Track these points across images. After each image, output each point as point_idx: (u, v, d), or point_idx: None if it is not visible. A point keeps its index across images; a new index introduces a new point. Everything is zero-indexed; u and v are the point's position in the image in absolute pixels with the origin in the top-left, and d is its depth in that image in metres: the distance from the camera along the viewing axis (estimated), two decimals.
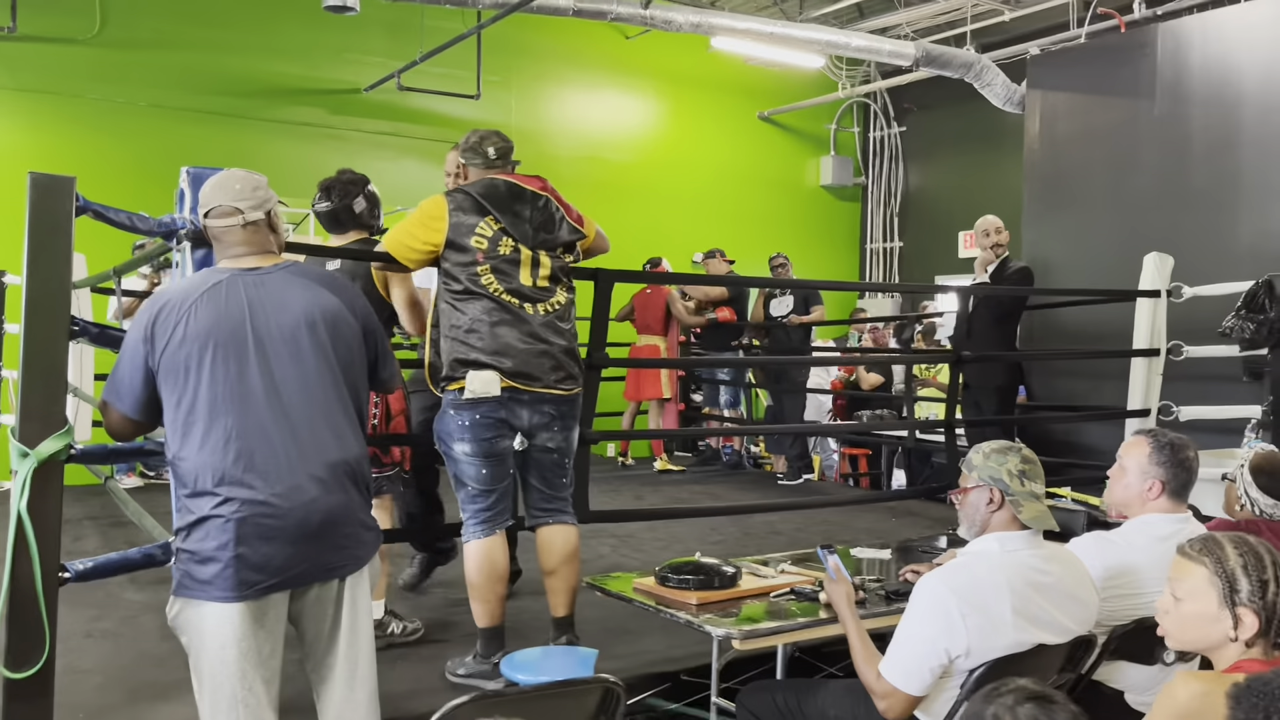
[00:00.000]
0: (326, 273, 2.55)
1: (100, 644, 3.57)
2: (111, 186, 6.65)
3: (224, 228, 2.36)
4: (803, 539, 5.36)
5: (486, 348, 3.15)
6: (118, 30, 8.16)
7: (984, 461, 2.46)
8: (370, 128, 9.03)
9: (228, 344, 2.24)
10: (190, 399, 2.23)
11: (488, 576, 3.21)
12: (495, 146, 3.38)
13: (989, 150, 10.57)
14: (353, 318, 2.41)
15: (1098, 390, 6.51)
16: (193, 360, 2.23)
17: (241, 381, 2.24)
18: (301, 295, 2.34)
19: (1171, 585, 2.07)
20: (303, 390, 2.28)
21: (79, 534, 5.36)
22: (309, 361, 2.29)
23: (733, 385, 8.47)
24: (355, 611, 2.35)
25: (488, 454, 3.20)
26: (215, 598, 2.19)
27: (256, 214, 2.37)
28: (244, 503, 2.18)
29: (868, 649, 2.50)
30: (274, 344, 2.27)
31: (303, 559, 2.23)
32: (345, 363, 2.36)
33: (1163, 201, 6.86)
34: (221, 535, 2.18)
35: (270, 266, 2.37)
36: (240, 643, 2.19)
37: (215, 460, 2.20)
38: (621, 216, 9.73)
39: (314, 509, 2.23)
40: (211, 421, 2.21)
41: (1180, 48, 6.91)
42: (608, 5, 8.18)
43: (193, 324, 2.25)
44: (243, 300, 2.29)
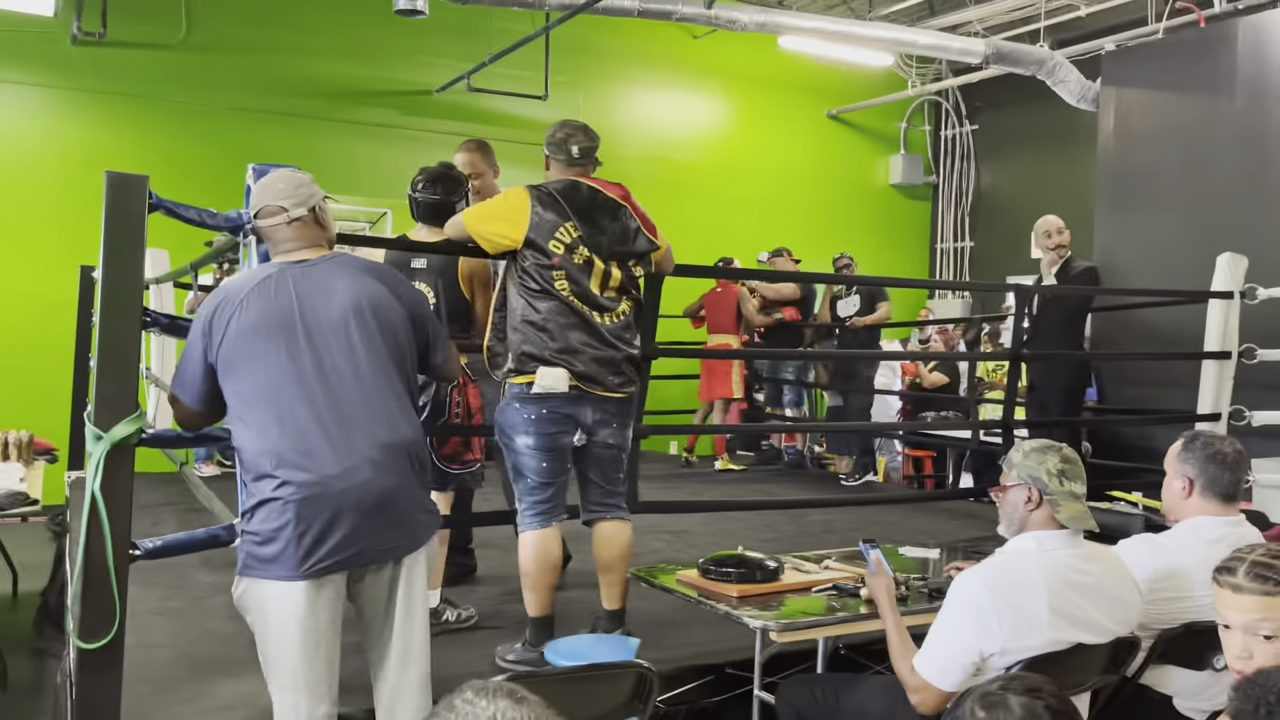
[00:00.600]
0: (372, 262, 2.63)
1: (170, 621, 3.73)
2: (193, 185, 6.90)
3: (271, 225, 2.48)
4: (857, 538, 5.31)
5: (557, 347, 3.20)
6: (201, 36, 8.48)
7: (1023, 460, 2.45)
8: (441, 128, 9.21)
9: (278, 333, 2.34)
10: (246, 388, 2.34)
11: (541, 566, 3.28)
12: (580, 145, 3.38)
13: (1062, 149, 10.37)
14: (399, 304, 2.48)
15: (1170, 394, 6.35)
16: (246, 351, 2.34)
17: (293, 368, 2.33)
18: (347, 283, 2.42)
19: (1254, 627, 1.92)
20: (353, 375, 2.35)
21: (158, 518, 5.57)
22: (357, 347, 2.37)
23: (796, 384, 8.45)
24: (410, 593, 2.42)
25: (550, 448, 3.26)
26: (277, 576, 2.28)
27: (300, 210, 2.47)
28: (300, 485, 2.27)
29: (904, 642, 2.51)
30: (322, 331, 2.36)
31: (359, 539, 2.30)
32: (393, 348, 2.43)
33: (1239, 201, 6.66)
34: (281, 517, 2.27)
35: (317, 258, 2.48)
36: (302, 621, 2.28)
37: (272, 445, 2.30)
38: (689, 216, 9.79)
39: (368, 490, 2.30)
40: (267, 408, 2.32)
41: (1261, 42, 6.71)
42: (672, 5, 8.23)
43: (244, 317, 2.36)
44: (291, 291, 2.39)
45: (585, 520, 3.45)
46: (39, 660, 4.59)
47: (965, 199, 11.83)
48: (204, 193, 5.56)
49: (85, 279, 6.06)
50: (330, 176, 8.22)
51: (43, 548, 5.89)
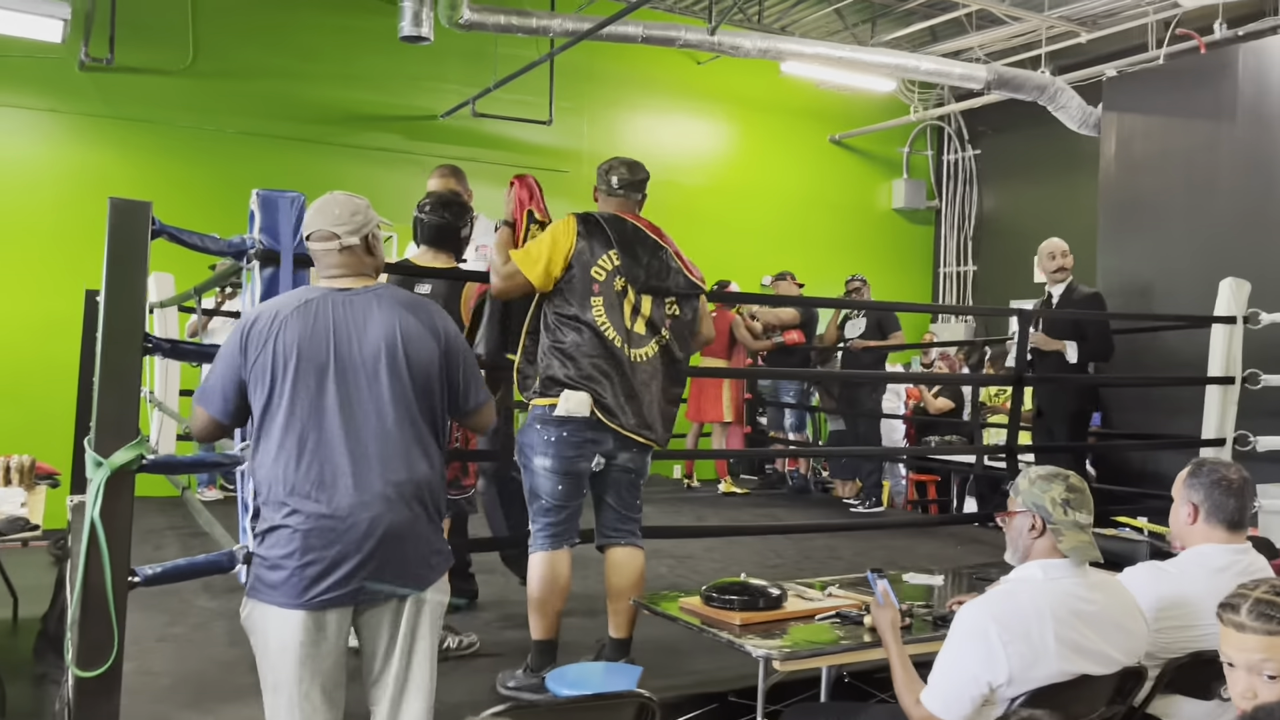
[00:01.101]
0: (415, 296, 2.59)
1: (171, 648, 3.71)
2: (199, 210, 6.95)
3: (322, 250, 2.46)
4: (862, 564, 5.27)
5: (583, 374, 3.21)
6: (209, 62, 8.54)
7: (1029, 487, 2.44)
8: (446, 153, 9.23)
9: (310, 360, 2.33)
10: (271, 410, 2.33)
11: (549, 588, 3.28)
12: (619, 177, 3.44)
13: (1064, 173, 10.40)
14: (434, 342, 2.45)
15: (1174, 419, 6.33)
16: (277, 373, 2.33)
17: (319, 398, 2.32)
18: (385, 318, 2.40)
19: (1257, 667, 1.88)
20: (376, 412, 2.34)
21: (160, 543, 5.55)
22: (384, 383, 2.36)
23: (798, 408, 8.43)
24: (414, 635, 2.40)
25: (567, 471, 3.26)
26: (279, 602, 2.28)
27: (353, 239, 2.45)
28: (310, 515, 2.27)
29: (909, 675, 2.49)
30: (353, 364, 2.35)
31: (364, 576, 2.29)
32: (422, 387, 2.42)
33: (1242, 225, 6.66)
34: (288, 545, 2.27)
35: (360, 288, 2.45)
36: (300, 649, 2.27)
37: (287, 472, 2.30)
38: (694, 240, 9.69)
39: (378, 527, 2.29)
40: (286, 434, 2.31)
41: (1263, 68, 6.73)
42: (676, 32, 8.28)
43: (282, 337, 2.34)
44: (329, 319, 2.37)
45: (599, 545, 3.44)
46: (38, 687, 4.56)
47: (968, 223, 11.85)
48: (210, 217, 5.59)
49: (90, 303, 6.07)
50: None
51: (43, 573, 5.87)
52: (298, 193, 3.18)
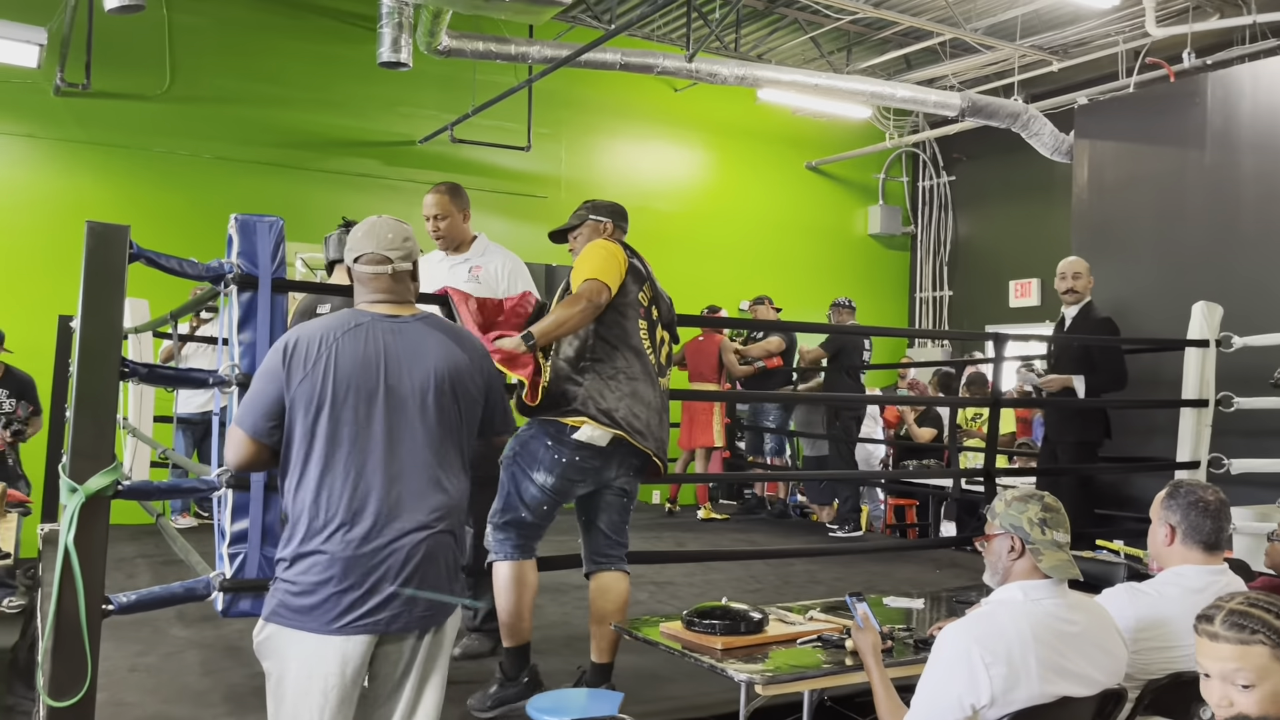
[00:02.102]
0: (459, 328, 2.59)
1: (144, 678, 3.66)
2: (176, 235, 6.92)
3: (372, 274, 2.41)
4: (841, 588, 5.31)
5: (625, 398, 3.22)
6: (185, 87, 8.52)
7: (1005, 509, 2.45)
8: (424, 179, 9.23)
9: (361, 387, 2.31)
10: (316, 433, 2.28)
11: (521, 593, 3.27)
12: (618, 212, 3.65)
13: (1038, 199, 10.53)
14: (479, 375, 2.46)
15: (1150, 442, 6.39)
16: (326, 396, 2.28)
17: (367, 427, 2.30)
18: (435, 349, 2.39)
19: (1230, 676, 1.90)
20: (424, 445, 2.33)
21: (133, 571, 5.49)
22: (432, 417, 2.35)
23: (778, 433, 8.45)
24: (433, 663, 2.38)
25: (561, 492, 3.27)
26: (309, 628, 2.24)
27: (405, 264, 2.43)
28: (351, 542, 2.24)
29: (891, 700, 2.49)
30: (403, 395, 2.33)
31: (394, 607, 2.27)
32: (467, 420, 2.43)
33: (1213, 250, 6.76)
34: (326, 571, 2.23)
35: (408, 316, 2.43)
36: (326, 678, 2.23)
37: (329, 499, 2.26)
38: (671, 266, 9.76)
39: (415, 555, 2.28)
40: (331, 460, 2.27)
41: (1230, 97, 6.86)
42: (653, 59, 8.35)
43: (336, 361, 2.30)
44: (380, 347, 2.34)
45: (588, 571, 3.43)
46: (7, 717, 4.48)
47: (943, 249, 11.96)
48: (187, 242, 5.56)
49: (63, 328, 6.02)
50: (313, 226, 8.24)
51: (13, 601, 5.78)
52: (276, 217, 3.17)
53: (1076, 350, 5.78)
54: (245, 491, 3.05)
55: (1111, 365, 5.70)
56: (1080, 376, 5.62)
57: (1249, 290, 6.33)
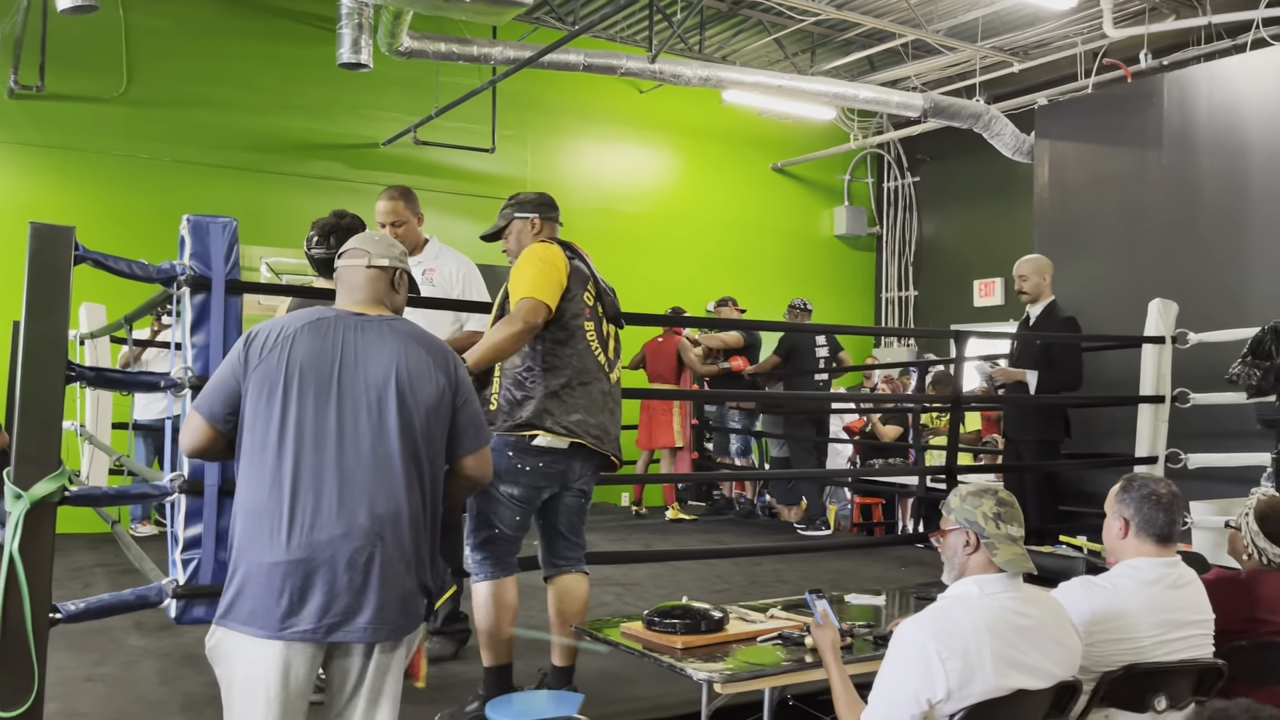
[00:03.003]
0: (425, 332, 2.48)
1: (98, 688, 3.59)
2: (136, 239, 6.78)
3: (348, 267, 2.43)
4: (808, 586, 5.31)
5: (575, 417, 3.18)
6: (143, 89, 8.41)
7: (960, 504, 2.47)
8: (388, 181, 9.01)
9: (313, 380, 2.26)
10: (264, 424, 2.24)
11: (503, 615, 3.23)
12: (547, 203, 3.46)
13: (1001, 199, 10.63)
14: (445, 383, 2.37)
15: (1110, 439, 6.47)
16: (279, 386, 2.25)
17: (315, 421, 2.24)
18: (396, 350, 2.33)
19: None
20: (372, 442, 2.26)
21: (89, 580, 5.40)
22: (385, 415, 2.28)
23: (743, 434, 8.47)
24: (382, 681, 2.28)
25: (530, 500, 3.23)
26: (251, 632, 2.18)
27: (381, 260, 2.42)
28: (288, 544, 2.17)
29: (849, 696, 2.49)
30: (355, 390, 2.27)
31: (341, 612, 2.19)
32: (423, 424, 2.32)
33: (1171, 249, 6.86)
34: (265, 574, 2.18)
35: (375, 315, 2.39)
36: (269, 683, 2.17)
37: (272, 496, 2.20)
38: (636, 267, 9.84)
39: (353, 568, 2.19)
40: (280, 454, 2.22)
41: (1186, 97, 6.95)
42: (617, 60, 8.35)
43: (290, 351, 2.27)
44: (339, 342, 2.31)
45: (548, 575, 3.40)
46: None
47: (908, 249, 12.04)
48: (148, 246, 5.45)
49: (15, 333, 5.91)
50: (276, 230, 8.18)
51: None
52: (229, 218, 3.13)
53: (1037, 349, 5.83)
54: (199, 497, 3.00)
55: (1068, 364, 5.76)
56: (1034, 372, 5.68)
57: (1206, 287, 6.43)
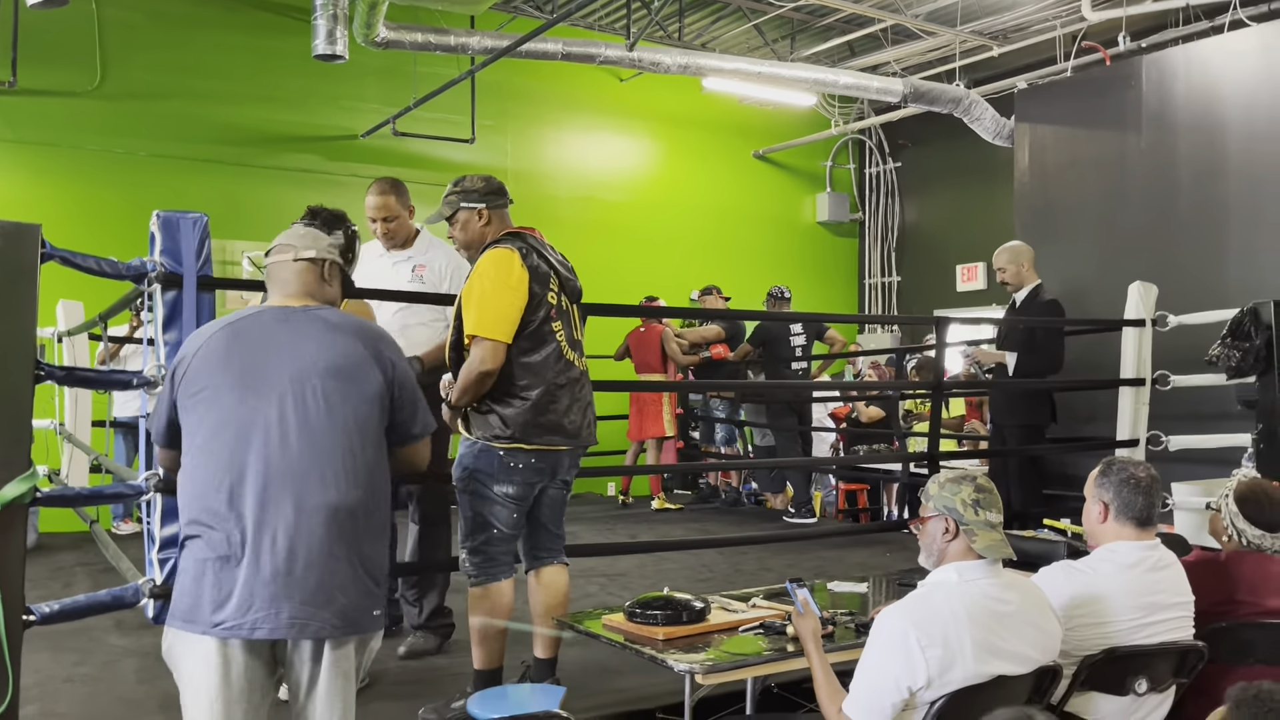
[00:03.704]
0: (358, 320, 2.42)
1: (78, 688, 3.57)
2: (113, 234, 6.74)
3: (275, 263, 2.40)
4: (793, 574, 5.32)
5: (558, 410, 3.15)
6: (117, 83, 8.32)
7: (939, 491, 2.46)
8: (367, 173, 9.04)
9: (235, 375, 2.23)
10: (195, 427, 2.23)
11: (495, 617, 3.20)
12: (495, 185, 3.32)
13: (983, 183, 10.63)
14: (376, 370, 2.31)
15: (1093, 422, 6.49)
16: (204, 389, 2.23)
17: (240, 413, 2.20)
18: (320, 339, 2.28)
19: None
20: (302, 433, 2.20)
21: (70, 580, 5.37)
22: (314, 405, 2.22)
23: (728, 423, 8.47)
24: (332, 681, 2.21)
25: (525, 497, 3.20)
26: (189, 629, 2.16)
27: (308, 252, 2.40)
28: (221, 538, 2.14)
29: (831, 684, 2.49)
30: (280, 381, 2.22)
31: (273, 607, 2.13)
32: (356, 414, 2.26)
33: (1150, 231, 6.88)
34: (199, 569, 2.15)
35: (300, 307, 2.35)
36: (210, 682, 2.15)
37: (205, 493, 2.17)
38: (619, 256, 9.82)
39: (296, 558, 2.14)
40: (209, 454, 2.20)
41: (1164, 79, 6.97)
42: (595, 49, 8.30)
43: (209, 353, 2.25)
44: (262, 336, 2.27)
45: (530, 568, 3.37)
46: None
47: (891, 235, 12.05)
48: (124, 242, 5.43)
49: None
50: (254, 223, 8.11)
51: None
52: (200, 213, 3.10)
53: (1020, 333, 5.85)
54: (174, 495, 2.97)
55: (1047, 347, 5.80)
56: (1013, 354, 5.70)
57: (1185, 269, 6.45)
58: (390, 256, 4.06)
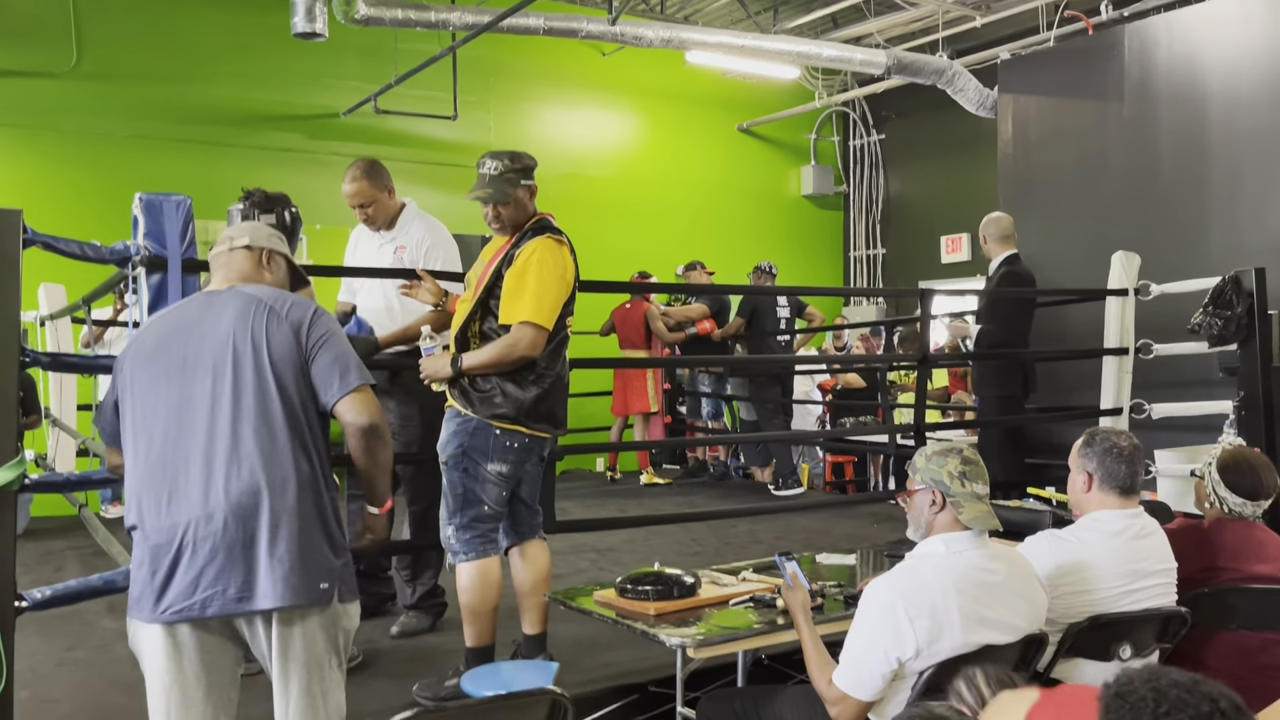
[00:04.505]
0: (275, 293, 2.37)
1: (71, 672, 3.58)
2: (92, 217, 6.69)
3: (214, 254, 2.42)
4: (782, 546, 5.36)
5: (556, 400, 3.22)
6: (94, 63, 8.22)
7: (926, 464, 2.49)
8: (349, 151, 9.04)
9: (159, 363, 2.24)
10: (128, 418, 2.27)
11: (489, 593, 3.21)
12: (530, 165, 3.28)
13: (967, 155, 10.64)
14: (288, 328, 2.26)
15: (1078, 391, 6.54)
16: (132, 380, 2.27)
17: (164, 398, 2.22)
18: (234, 316, 2.26)
19: None
20: (224, 411, 2.19)
21: (61, 564, 5.37)
22: (232, 382, 2.20)
23: (714, 397, 8.50)
24: (287, 656, 2.20)
25: (515, 475, 3.22)
26: (138, 616, 2.19)
27: (243, 239, 2.41)
28: (156, 524, 2.16)
29: (821, 656, 2.52)
30: (200, 362, 2.22)
31: (209, 586, 2.13)
32: (279, 381, 2.23)
33: (1133, 201, 6.91)
34: (140, 555, 2.18)
35: (226, 288, 2.35)
36: (163, 668, 2.16)
37: (138, 479, 2.21)
38: (604, 232, 9.79)
39: (225, 533, 2.13)
40: (137, 441, 2.23)
41: (1146, 48, 6.97)
42: (578, 23, 8.24)
43: (137, 345, 2.29)
44: (185, 321, 2.29)
45: (511, 544, 3.38)
46: None
47: (875, 207, 12.05)
48: (104, 224, 5.40)
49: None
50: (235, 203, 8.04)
51: None
52: (183, 196, 3.08)
53: (983, 304, 5.96)
54: None
55: (1006, 318, 5.88)
56: (977, 326, 5.85)
57: (1167, 238, 6.49)
58: (376, 238, 4.05)
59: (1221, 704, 1.36)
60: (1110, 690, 1.44)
